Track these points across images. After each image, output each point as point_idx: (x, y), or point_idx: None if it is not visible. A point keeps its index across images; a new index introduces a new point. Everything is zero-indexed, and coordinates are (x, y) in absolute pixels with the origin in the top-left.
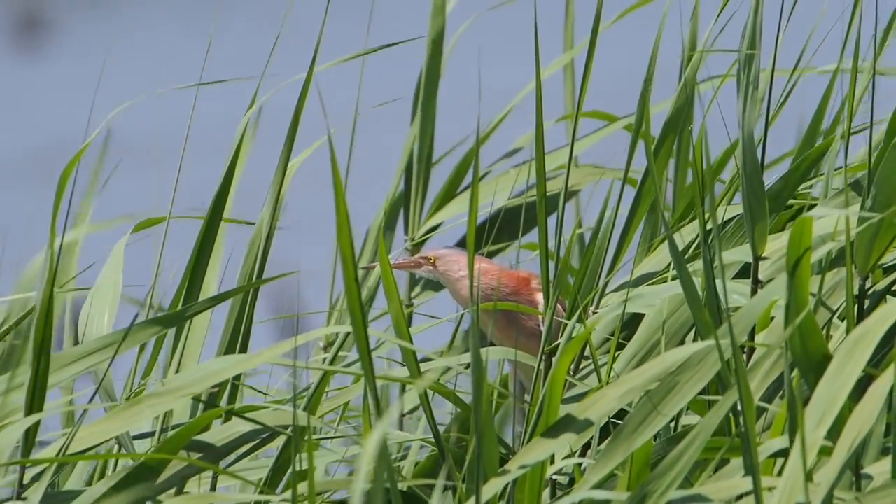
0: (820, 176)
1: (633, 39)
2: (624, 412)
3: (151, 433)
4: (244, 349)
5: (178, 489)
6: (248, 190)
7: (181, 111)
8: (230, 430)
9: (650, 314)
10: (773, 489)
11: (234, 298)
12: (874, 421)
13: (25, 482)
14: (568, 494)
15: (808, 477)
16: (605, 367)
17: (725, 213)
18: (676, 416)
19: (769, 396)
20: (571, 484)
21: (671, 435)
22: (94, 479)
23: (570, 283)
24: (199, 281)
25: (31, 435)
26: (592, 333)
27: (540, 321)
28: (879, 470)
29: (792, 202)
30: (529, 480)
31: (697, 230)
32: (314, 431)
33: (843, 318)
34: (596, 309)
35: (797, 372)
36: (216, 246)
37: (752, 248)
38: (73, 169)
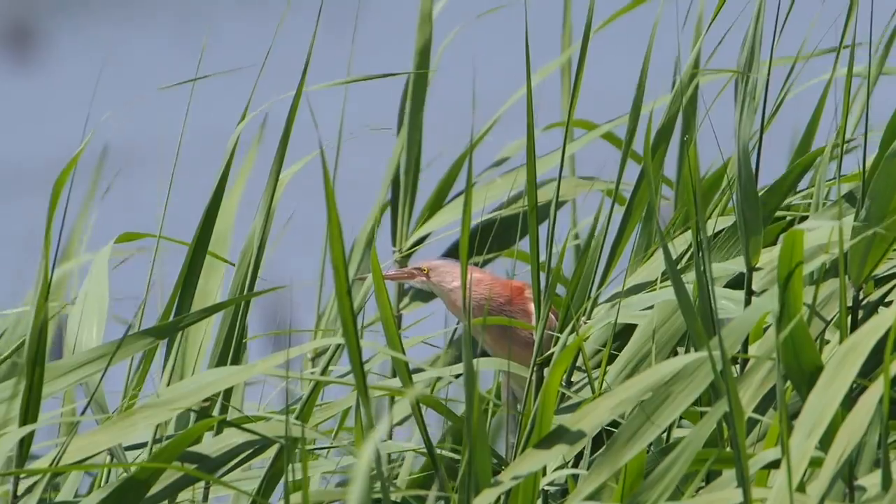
0: (811, 188)
1: (631, 42)
2: (617, 423)
3: (144, 444)
4: (237, 361)
5: (170, 500)
6: (249, 201)
7: (177, 122)
8: (222, 441)
9: (642, 324)
10: (764, 500)
11: (226, 311)
12: (865, 431)
13: (19, 493)
14: None
15: (800, 488)
16: (597, 378)
17: (716, 223)
18: (669, 427)
19: (764, 408)
20: (564, 495)
21: (664, 446)
22: (91, 491)
23: (559, 296)
24: (190, 293)
25: (25, 446)
26: (584, 344)
27: (533, 331)
28: (872, 482)
29: (785, 213)
30: (522, 491)
31: (690, 241)
32: (308, 442)
33: (837, 328)
34: (588, 319)
35: (790, 383)
36: (219, 255)
37: (746, 258)
38: (65, 180)
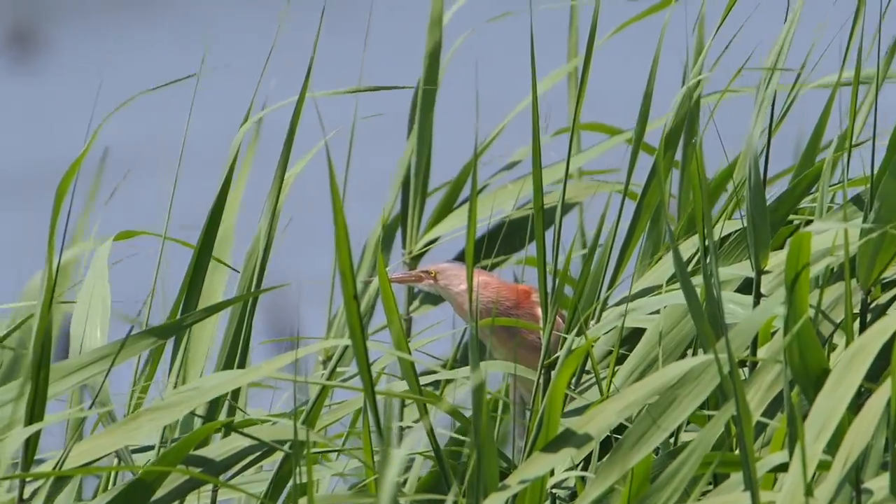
0: (816, 193)
1: (642, 44)
2: (625, 426)
3: (151, 447)
4: (243, 363)
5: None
6: (250, 202)
7: (179, 124)
8: (229, 444)
9: (650, 328)
10: None
11: (231, 313)
12: (872, 435)
13: (25, 497)
14: None
15: (808, 491)
16: (605, 380)
17: (723, 228)
18: (676, 430)
19: (772, 411)
20: (572, 498)
21: (671, 449)
22: (96, 495)
23: (568, 297)
24: (196, 294)
25: (30, 448)
26: (593, 347)
27: (540, 334)
28: (879, 485)
29: (793, 217)
30: (530, 495)
31: (697, 246)
32: (315, 446)
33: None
34: (596, 322)
35: (797, 386)
36: (222, 258)
37: (755, 261)
38: (69, 184)
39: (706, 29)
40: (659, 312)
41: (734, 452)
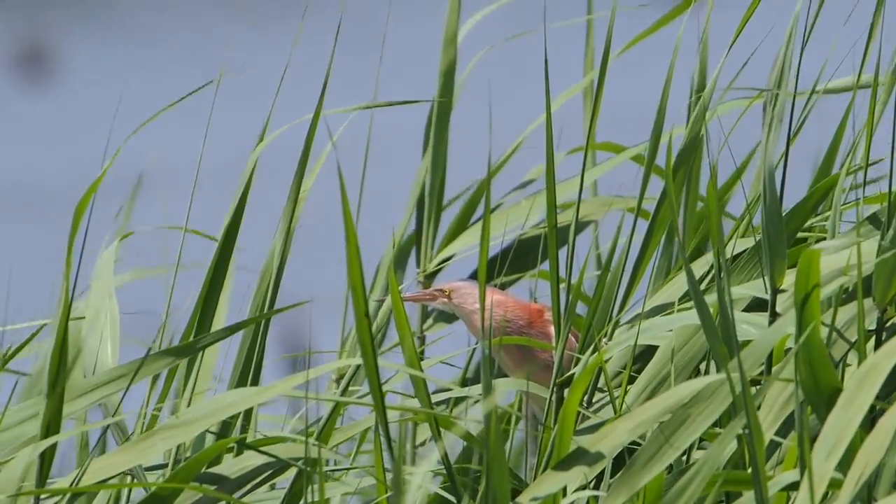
0: (827, 213)
1: (654, 60)
2: (637, 444)
3: (164, 465)
4: (256, 381)
5: None
6: (260, 219)
7: (193, 142)
8: (242, 463)
9: (662, 346)
10: None
11: (245, 330)
12: (885, 453)
13: None
14: None
15: None
16: (618, 399)
17: (735, 246)
18: (689, 448)
19: (785, 431)
20: None
21: (683, 467)
22: None
23: (580, 316)
24: (210, 314)
25: (45, 465)
26: (606, 365)
27: (553, 354)
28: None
29: (807, 235)
30: None
31: (710, 264)
32: (327, 464)
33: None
34: (609, 341)
35: (809, 406)
36: (226, 278)
37: (770, 279)
38: (87, 203)
39: (721, 40)
40: (671, 331)
41: (748, 471)
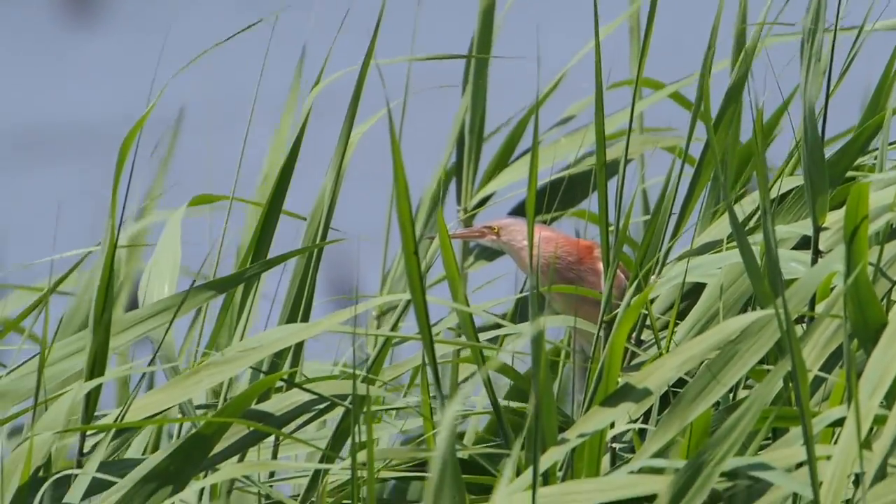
0: (874, 151)
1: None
2: (684, 382)
3: (214, 404)
4: (306, 319)
5: (238, 458)
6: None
7: (235, 81)
8: (289, 399)
9: (711, 284)
10: (829, 457)
11: (295, 269)
12: None
13: (85, 450)
14: (627, 463)
15: (865, 445)
16: (665, 338)
17: (781, 185)
18: (735, 386)
19: (830, 366)
20: (631, 452)
21: (730, 404)
22: (147, 451)
23: (627, 254)
24: (264, 252)
25: (91, 402)
26: (654, 304)
27: (602, 289)
28: None
29: (854, 174)
30: (588, 449)
31: (757, 203)
32: (376, 401)
33: None
34: (658, 276)
35: (856, 341)
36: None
37: (812, 218)
38: (132, 142)
39: None
40: (721, 268)
41: (793, 407)
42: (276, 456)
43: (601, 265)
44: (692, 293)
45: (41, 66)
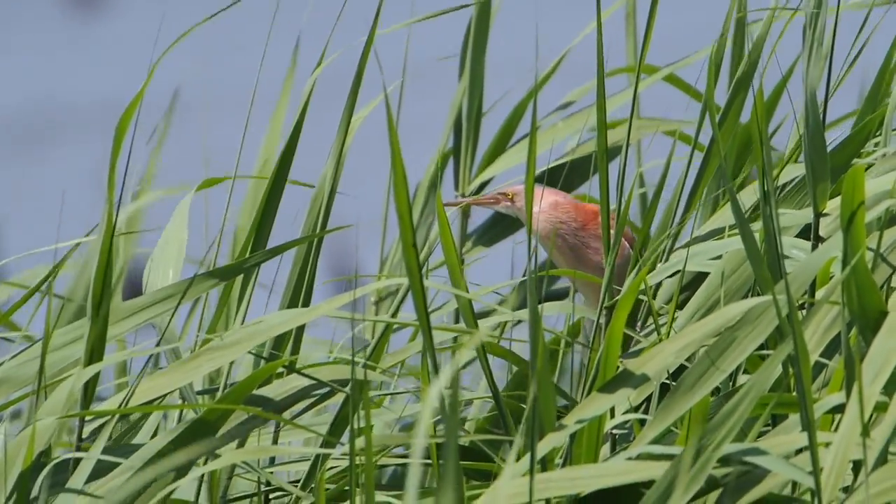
0: (878, 136)
1: None
2: (683, 369)
3: (215, 389)
4: (307, 304)
5: (238, 443)
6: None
7: (231, 64)
8: (289, 384)
9: (713, 272)
10: (829, 444)
11: (296, 254)
12: None
13: (84, 436)
14: (626, 449)
15: (865, 432)
16: (665, 325)
17: (784, 173)
18: (734, 373)
19: (829, 353)
20: (630, 439)
21: (728, 391)
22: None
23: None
24: (264, 235)
25: (90, 388)
26: (656, 293)
27: (603, 258)
28: None
29: (857, 162)
30: (587, 435)
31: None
32: (374, 387)
33: None
34: (664, 262)
35: (855, 328)
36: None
37: (813, 204)
38: (129, 121)
39: None
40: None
41: (792, 394)
42: (276, 441)
43: None
44: (695, 283)
45: (51, 50)
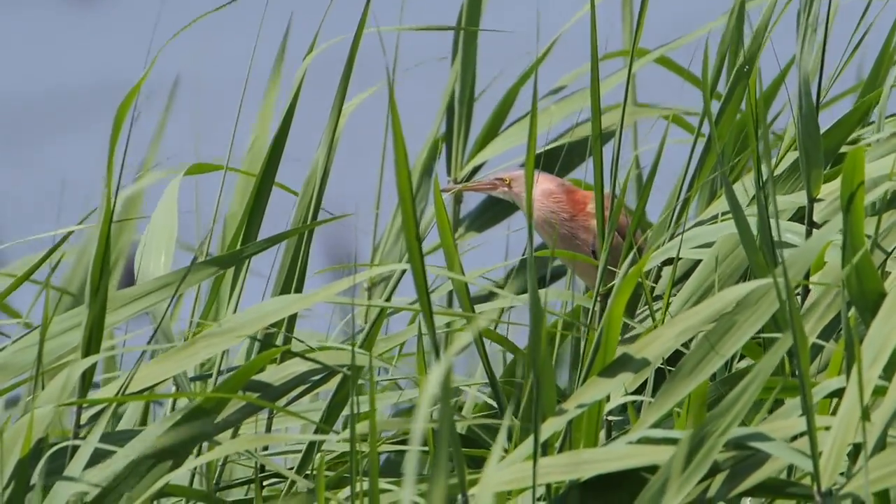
0: (871, 124)
1: None
2: (678, 355)
3: (208, 375)
4: (300, 290)
5: (234, 431)
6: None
7: (225, 54)
8: (285, 370)
9: (706, 257)
10: (828, 428)
11: (289, 242)
12: None
13: (82, 423)
14: (625, 434)
15: (864, 416)
16: (659, 310)
17: (780, 160)
18: (731, 357)
19: (826, 337)
20: (626, 424)
21: (725, 375)
22: (139, 422)
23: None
24: (255, 226)
25: (87, 376)
26: (655, 278)
27: (592, 244)
28: None
29: (847, 149)
30: (587, 419)
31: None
32: (367, 374)
33: None
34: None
35: (854, 311)
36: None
37: (807, 189)
38: (128, 108)
39: None
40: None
41: (791, 378)
42: (269, 428)
43: (593, 222)
44: (690, 272)
45: (50, 35)
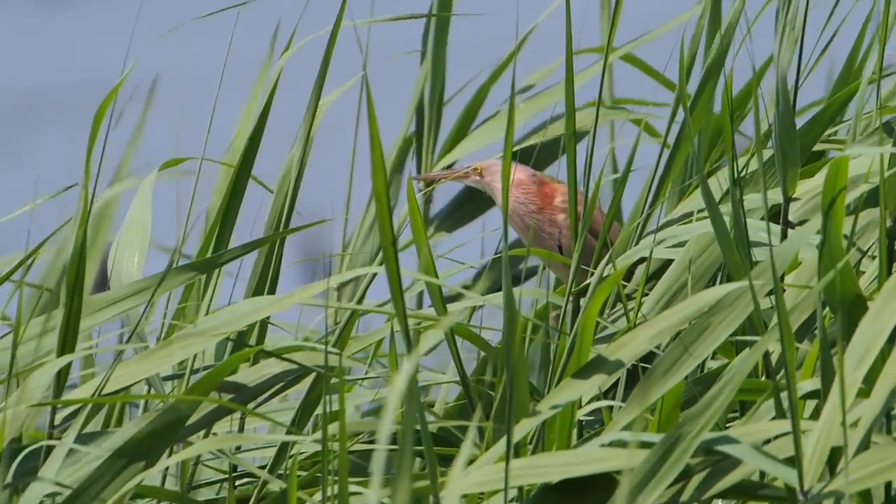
0: (847, 121)
1: None
2: (650, 357)
3: (181, 374)
4: (273, 292)
5: (206, 431)
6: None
7: (204, 54)
8: (258, 372)
9: (679, 256)
10: (808, 432)
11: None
12: None
13: (56, 423)
14: (598, 435)
15: (844, 422)
16: (632, 310)
17: (753, 158)
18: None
19: (799, 338)
20: (598, 424)
21: (698, 376)
22: (111, 422)
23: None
24: (229, 227)
25: (62, 377)
26: (620, 284)
27: (558, 238)
28: None
29: (826, 147)
30: (560, 421)
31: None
32: (344, 371)
33: (873, 258)
34: (635, 245)
35: (828, 312)
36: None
37: (782, 188)
38: (107, 109)
39: None
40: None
41: (762, 379)
42: (242, 429)
43: (560, 215)
44: (662, 272)
45: (27, 34)
